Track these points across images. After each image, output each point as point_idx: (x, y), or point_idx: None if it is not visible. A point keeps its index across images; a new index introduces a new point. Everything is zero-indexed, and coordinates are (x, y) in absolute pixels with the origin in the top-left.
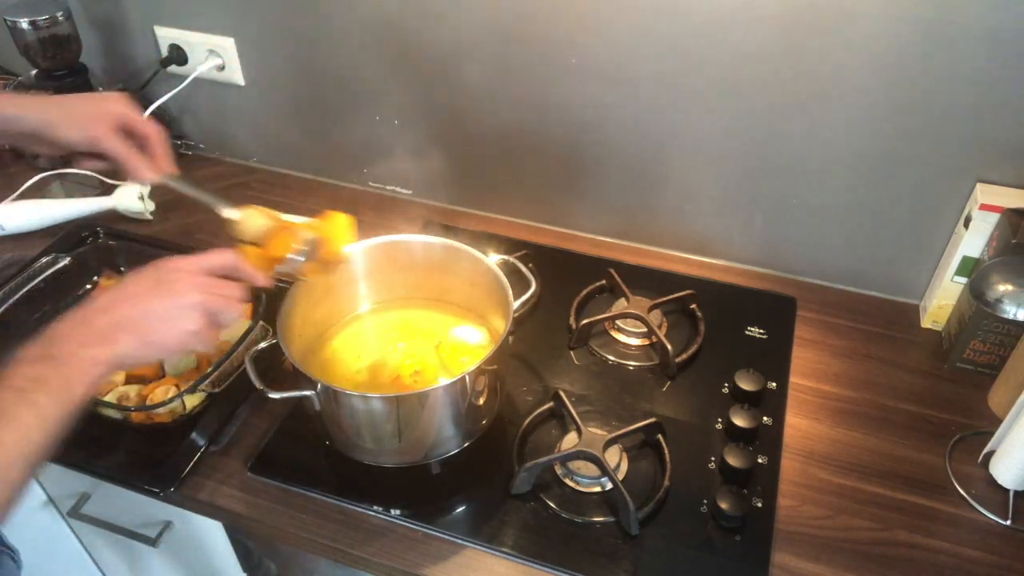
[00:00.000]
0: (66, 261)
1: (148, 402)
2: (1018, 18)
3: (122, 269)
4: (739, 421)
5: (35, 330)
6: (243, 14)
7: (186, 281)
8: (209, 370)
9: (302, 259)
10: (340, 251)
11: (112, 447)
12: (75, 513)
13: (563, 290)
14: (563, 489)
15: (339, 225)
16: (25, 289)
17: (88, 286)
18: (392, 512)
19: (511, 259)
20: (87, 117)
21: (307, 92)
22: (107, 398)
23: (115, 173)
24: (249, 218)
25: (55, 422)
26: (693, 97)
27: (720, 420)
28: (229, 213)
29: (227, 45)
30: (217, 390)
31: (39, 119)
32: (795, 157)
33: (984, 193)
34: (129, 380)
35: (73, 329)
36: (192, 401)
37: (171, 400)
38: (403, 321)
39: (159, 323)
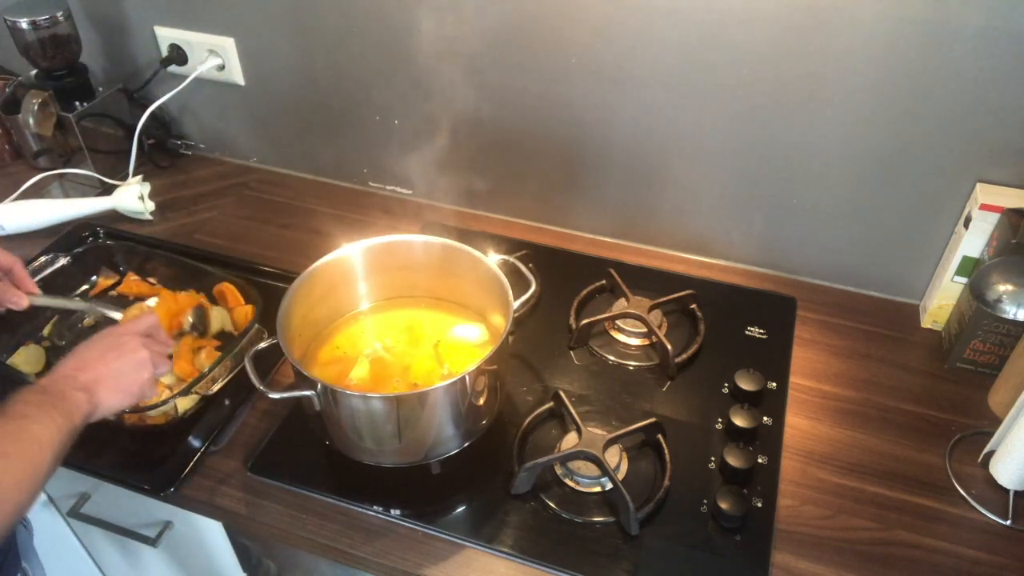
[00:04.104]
0: (64, 261)
1: (140, 404)
2: (1018, 18)
3: (121, 269)
4: (739, 421)
5: (35, 329)
6: (243, 14)
7: (135, 342)
8: (203, 372)
9: (186, 332)
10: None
11: (112, 448)
12: (75, 513)
13: (563, 290)
14: (563, 489)
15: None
16: None
17: (86, 286)
18: (392, 512)
19: (511, 259)
20: None
21: (307, 92)
22: None
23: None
24: (130, 317)
25: (66, 434)
26: (693, 97)
27: (720, 420)
28: (111, 313)
29: (227, 45)
30: (211, 392)
31: None
32: (795, 157)
33: (984, 193)
34: None
35: (60, 381)
36: (185, 404)
37: (164, 403)
38: (403, 321)
39: (125, 376)
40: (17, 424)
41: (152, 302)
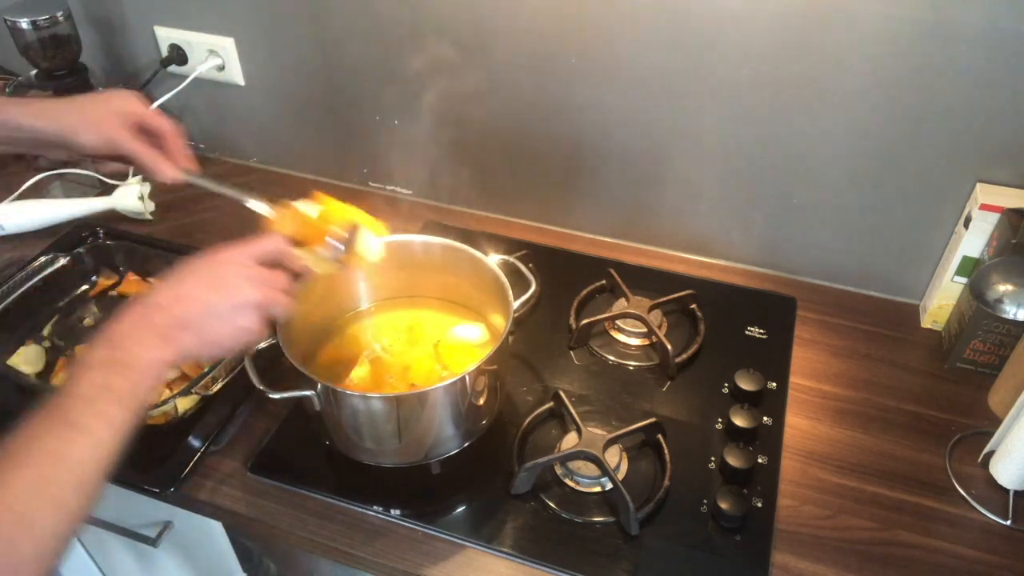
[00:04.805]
0: (64, 261)
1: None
2: (1018, 18)
3: (121, 269)
4: (739, 421)
5: (35, 329)
6: (243, 14)
7: (240, 276)
8: (203, 373)
9: (339, 250)
10: (373, 245)
11: None
12: None
13: (563, 290)
14: (563, 489)
15: (366, 219)
16: (23, 288)
17: (86, 286)
18: (392, 512)
19: (511, 259)
20: (102, 119)
21: (307, 92)
22: None
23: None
24: (280, 218)
25: (124, 431)
26: (693, 97)
27: (720, 420)
28: (258, 207)
29: (227, 45)
30: (210, 392)
31: (56, 128)
32: (795, 157)
33: (984, 193)
34: None
35: (134, 328)
36: (185, 404)
37: (164, 403)
38: (403, 321)
39: (218, 322)
40: (58, 444)
41: (308, 208)
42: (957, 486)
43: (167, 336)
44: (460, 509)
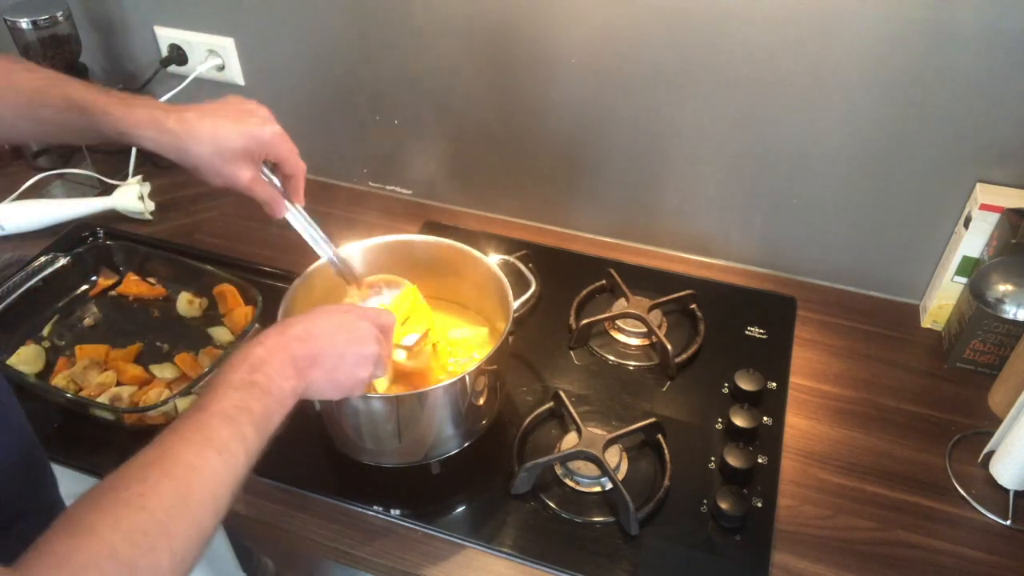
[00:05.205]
0: (64, 261)
1: (141, 404)
2: (1017, 18)
3: (121, 269)
4: (739, 421)
5: (35, 329)
6: (243, 14)
7: (371, 333)
8: (203, 373)
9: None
10: (427, 351)
11: (112, 448)
12: None
13: (563, 290)
14: (563, 489)
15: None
16: (23, 288)
17: (86, 286)
18: (392, 512)
19: (511, 259)
20: (232, 160)
21: (307, 92)
22: (100, 399)
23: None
24: (353, 297)
25: (254, 455)
26: (693, 97)
27: (720, 420)
28: (345, 273)
29: (227, 45)
30: None
31: (180, 160)
32: (795, 157)
33: (984, 193)
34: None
35: (272, 355)
36: (184, 404)
37: (164, 403)
38: (402, 320)
39: (344, 366)
40: (197, 459)
41: (390, 296)
42: (957, 486)
43: (301, 368)
44: (460, 509)
